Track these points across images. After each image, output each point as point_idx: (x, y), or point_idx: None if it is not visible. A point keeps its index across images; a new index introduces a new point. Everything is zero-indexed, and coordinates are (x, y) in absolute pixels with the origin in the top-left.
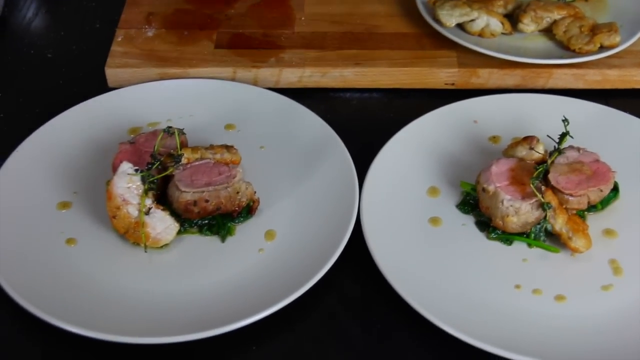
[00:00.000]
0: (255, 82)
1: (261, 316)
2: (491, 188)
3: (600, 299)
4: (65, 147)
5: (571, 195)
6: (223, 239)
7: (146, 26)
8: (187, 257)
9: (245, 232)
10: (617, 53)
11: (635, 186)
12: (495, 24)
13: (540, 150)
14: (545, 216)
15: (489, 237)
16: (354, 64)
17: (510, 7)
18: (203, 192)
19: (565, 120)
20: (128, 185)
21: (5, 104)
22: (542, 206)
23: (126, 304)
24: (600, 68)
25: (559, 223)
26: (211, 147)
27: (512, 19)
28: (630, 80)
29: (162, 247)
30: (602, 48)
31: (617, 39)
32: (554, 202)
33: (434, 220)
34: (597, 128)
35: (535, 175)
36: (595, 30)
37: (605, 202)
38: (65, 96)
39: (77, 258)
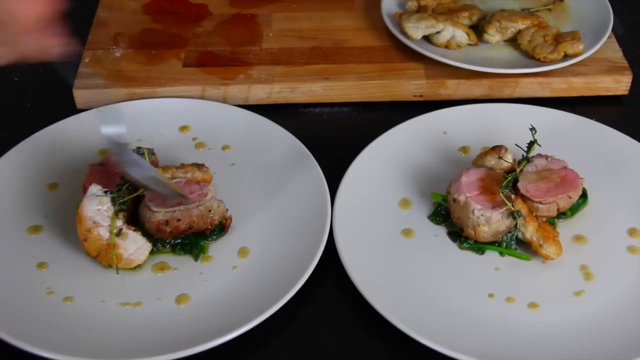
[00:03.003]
0: (224, 100)
1: (236, 334)
2: (462, 198)
3: (572, 305)
4: (34, 170)
5: (540, 202)
6: (196, 258)
7: (114, 47)
8: (161, 277)
9: (218, 250)
10: (581, 61)
11: (604, 192)
12: (461, 35)
13: (508, 159)
14: (516, 224)
15: (461, 247)
16: (323, 79)
17: (475, 18)
18: (175, 211)
19: (532, 129)
20: (98, 207)
21: None
22: (512, 215)
23: (99, 326)
24: (566, 76)
25: (530, 231)
26: (182, 166)
27: (478, 30)
28: (596, 87)
29: (135, 268)
30: (567, 56)
31: (581, 47)
32: (523, 210)
33: (407, 232)
34: (564, 135)
35: (504, 184)
36: (559, 39)
37: (574, 209)
38: (34, 119)
39: (49, 282)
